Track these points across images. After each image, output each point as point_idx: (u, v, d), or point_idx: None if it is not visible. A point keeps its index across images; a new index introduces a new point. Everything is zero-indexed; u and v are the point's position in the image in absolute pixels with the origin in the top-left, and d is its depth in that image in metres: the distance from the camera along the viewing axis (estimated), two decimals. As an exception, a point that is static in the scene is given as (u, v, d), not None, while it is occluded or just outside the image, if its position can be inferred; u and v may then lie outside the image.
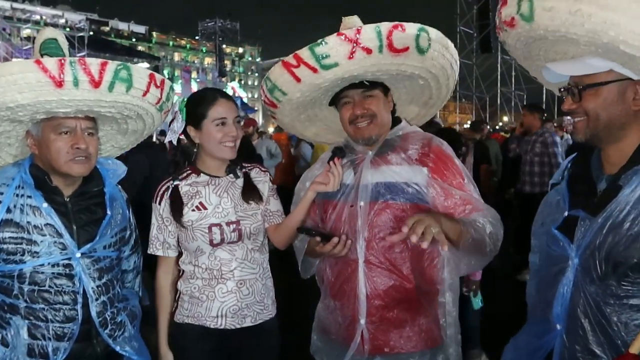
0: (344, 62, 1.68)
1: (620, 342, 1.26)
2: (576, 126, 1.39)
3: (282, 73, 1.79)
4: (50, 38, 1.69)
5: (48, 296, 1.65)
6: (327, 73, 1.71)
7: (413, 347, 1.83)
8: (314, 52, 1.68)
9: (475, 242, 1.70)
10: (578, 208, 1.38)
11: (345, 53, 1.66)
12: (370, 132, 1.87)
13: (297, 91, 1.83)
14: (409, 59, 1.74)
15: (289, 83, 1.80)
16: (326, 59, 1.67)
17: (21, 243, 1.62)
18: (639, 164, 1.29)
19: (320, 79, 1.74)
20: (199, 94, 2.04)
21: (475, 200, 1.82)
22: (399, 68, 1.76)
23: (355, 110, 1.87)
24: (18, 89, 1.43)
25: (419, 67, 1.80)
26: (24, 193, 1.66)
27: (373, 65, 1.71)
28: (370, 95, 1.87)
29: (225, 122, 1.93)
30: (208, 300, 1.95)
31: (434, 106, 2.12)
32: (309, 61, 1.70)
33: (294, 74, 1.75)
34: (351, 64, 1.68)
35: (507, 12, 1.33)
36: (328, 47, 1.66)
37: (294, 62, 1.73)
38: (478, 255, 1.75)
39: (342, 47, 1.66)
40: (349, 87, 1.87)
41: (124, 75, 1.53)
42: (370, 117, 1.86)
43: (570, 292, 1.37)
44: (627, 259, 1.24)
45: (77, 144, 1.63)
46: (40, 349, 1.65)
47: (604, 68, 1.30)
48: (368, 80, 1.84)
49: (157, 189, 2.02)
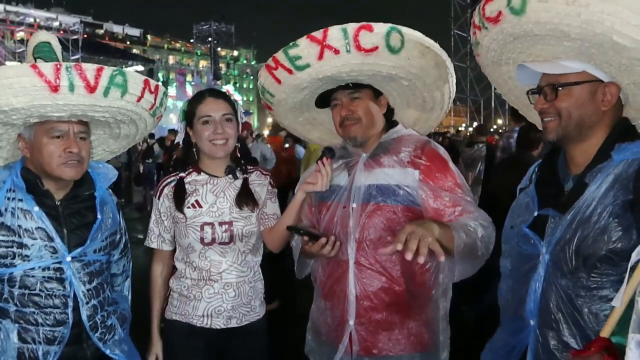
0: (314, 62, 1.73)
1: (592, 332, 1.31)
2: (547, 126, 1.44)
3: (267, 75, 1.87)
4: (43, 41, 1.72)
5: (38, 300, 1.66)
6: (302, 74, 1.77)
7: (401, 350, 1.83)
8: (287, 54, 1.75)
9: (468, 247, 1.70)
10: (547, 207, 1.44)
11: (315, 54, 1.71)
12: (355, 132, 1.90)
13: (281, 92, 1.89)
14: (381, 59, 1.74)
15: (272, 85, 1.87)
16: (298, 60, 1.74)
17: (12, 246, 1.63)
18: (602, 162, 1.36)
19: (297, 80, 1.80)
20: (195, 94, 2.10)
21: (466, 203, 1.82)
22: (372, 68, 1.78)
23: (341, 112, 1.90)
24: (13, 93, 1.44)
25: (395, 67, 1.79)
26: (15, 196, 1.67)
27: (344, 65, 1.74)
28: (356, 97, 1.90)
29: (209, 120, 1.96)
30: (195, 300, 1.99)
31: (434, 110, 2.09)
32: (284, 63, 1.77)
33: (274, 75, 1.83)
34: (322, 64, 1.73)
35: (494, 6, 1.34)
36: (299, 49, 1.73)
37: (273, 65, 1.81)
38: (471, 259, 1.75)
39: (311, 48, 1.71)
40: (337, 89, 1.90)
41: (119, 80, 1.56)
42: (355, 120, 1.89)
43: (541, 288, 1.43)
44: (595, 251, 1.31)
45: (70, 147, 1.65)
46: (30, 353, 1.66)
47: (578, 69, 1.37)
48: (353, 82, 1.87)
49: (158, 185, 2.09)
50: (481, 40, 1.48)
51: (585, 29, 1.22)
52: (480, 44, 1.50)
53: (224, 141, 1.97)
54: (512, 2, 1.29)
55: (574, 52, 1.33)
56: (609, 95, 1.38)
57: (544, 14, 1.25)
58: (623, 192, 1.30)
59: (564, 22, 1.23)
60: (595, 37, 1.23)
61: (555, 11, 1.23)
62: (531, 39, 1.36)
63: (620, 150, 1.34)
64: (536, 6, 1.25)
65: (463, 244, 1.67)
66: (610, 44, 1.23)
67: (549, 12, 1.24)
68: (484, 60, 1.57)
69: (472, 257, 1.74)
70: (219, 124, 1.96)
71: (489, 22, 1.39)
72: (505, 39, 1.41)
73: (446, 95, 2.02)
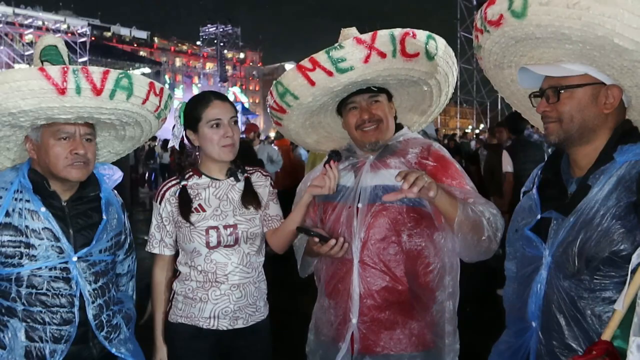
0: (359, 65, 1.72)
1: (595, 334, 1.31)
2: (549, 129, 1.45)
3: (296, 77, 1.82)
4: (50, 45, 1.74)
5: (45, 299, 1.68)
6: (342, 77, 1.75)
7: (402, 349, 1.85)
8: (330, 56, 1.73)
9: (472, 223, 1.69)
10: (550, 210, 1.44)
11: (361, 57, 1.71)
12: (376, 137, 1.92)
13: (309, 95, 1.86)
14: (419, 64, 1.80)
15: (302, 87, 1.83)
16: (342, 62, 1.72)
17: (19, 246, 1.65)
18: (605, 164, 1.36)
19: (334, 82, 1.78)
20: (195, 98, 2.07)
21: (477, 196, 1.82)
22: (408, 73, 1.82)
23: (363, 115, 1.92)
24: (21, 96, 1.47)
25: (426, 73, 1.86)
26: (23, 197, 1.70)
27: (386, 69, 1.77)
28: (376, 100, 1.93)
29: (219, 122, 1.95)
30: (201, 302, 1.99)
31: (431, 115, 2.17)
32: (325, 64, 1.74)
33: (308, 77, 1.79)
34: (366, 67, 1.73)
35: (495, 9, 1.35)
36: (344, 51, 1.71)
37: (310, 66, 1.77)
38: (475, 239, 1.72)
39: (358, 51, 1.70)
40: (355, 93, 1.91)
41: (125, 83, 1.58)
42: (376, 122, 1.91)
43: (544, 290, 1.43)
44: (598, 253, 1.30)
45: (76, 149, 1.67)
46: (37, 352, 1.68)
47: (580, 72, 1.37)
48: (375, 86, 1.89)
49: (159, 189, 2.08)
50: (483, 43, 1.49)
51: (586, 31, 1.22)
52: (483, 47, 1.51)
53: (232, 143, 1.97)
54: (513, 5, 1.29)
55: (576, 54, 1.33)
56: (612, 97, 1.38)
57: (545, 17, 1.25)
58: (626, 194, 1.30)
59: (565, 25, 1.24)
60: (597, 40, 1.23)
61: (556, 14, 1.23)
62: (533, 42, 1.36)
63: (622, 152, 1.34)
64: (537, 9, 1.25)
65: (465, 217, 1.68)
66: (611, 47, 1.23)
67: (549, 15, 1.24)
68: (487, 64, 1.58)
69: (477, 236, 1.72)
70: (228, 127, 1.97)
71: (490, 25, 1.39)
72: (507, 42, 1.41)
73: (447, 100, 2.11)
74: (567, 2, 1.21)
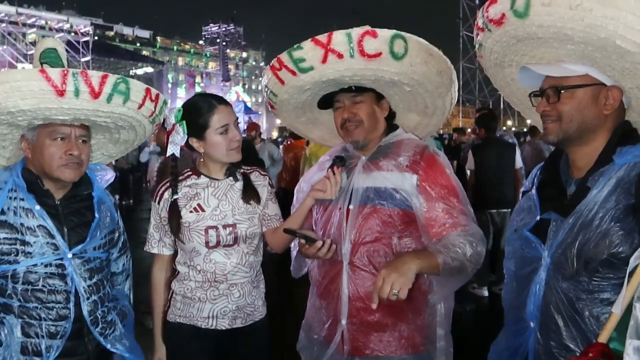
0: (318, 65, 1.74)
1: (592, 335, 1.31)
2: (548, 128, 1.44)
3: (270, 76, 1.89)
4: (50, 47, 1.78)
5: (41, 295, 1.70)
6: (305, 76, 1.79)
7: (392, 352, 1.84)
8: (291, 56, 1.76)
9: (455, 269, 1.71)
10: (549, 211, 1.43)
11: (318, 57, 1.73)
12: (357, 136, 1.92)
13: (284, 93, 1.91)
14: (384, 64, 1.75)
15: (275, 85, 1.90)
16: (302, 62, 1.76)
17: (15, 244, 1.67)
18: (605, 166, 1.35)
19: (300, 82, 1.82)
20: (196, 105, 1.96)
21: (458, 214, 1.81)
22: (375, 73, 1.78)
23: (343, 114, 1.92)
24: (21, 95, 1.50)
25: (397, 73, 1.79)
26: (17, 196, 1.71)
27: (347, 69, 1.75)
28: (359, 100, 1.91)
29: (228, 128, 1.94)
30: (200, 302, 1.98)
31: (434, 115, 2.10)
32: (288, 64, 1.79)
33: (278, 76, 1.85)
34: (325, 67, 1.74)
35: (498, 8, 1.34)
36: (303, 52, 1.74)
37: (277, 66, 1.83)
38: (460, 277, 1.78)
39: (315, 52, 1.73)
40: (340, 91, 1.91)
41: (122, 88, 1.62)
42: (357, 122, 1.91)
43: (542, 290, 1.43)
44: (597, 255, 1.30)
45: (71, 150, 1.70)
46: (33, 347, 1.69)
47: (581, 72, 1.37)
48: (356, 86, 1.87)
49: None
50: (484, 42, 1.48)
51: (588, 33, 1.22)
52: (484, 45, 1.50)
53: (239, 146, 1.97)
54: (515, 4, 1.28)
55: (577, 55, 1.33)
56: (612, 99, 1.37)
57: (547, 17, 1.25)
58: (625, 196, 1.29)
59: (567, 25, 1.23)
60: (599, 41, 1.23)
61: (558, 15, 1.23)
62: (534, 41, 1.36)
63: (622, 154, 1.34)
64: (540, 10, 1.25)
65: (450, 268, 1.69)
66: (613, 48, 1.22)
67: (552, 16, 1.24)
68: (487, 62, 1.57)
69: (460, 275, 1.77)
70: (235, 130, 1.96)
71: (492, 24, 1.38)
72: (508, 41, 1.41)
73: (447, 102, 2.03)
74: (569, 3, 1.20)
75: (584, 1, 1.18)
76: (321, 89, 1.89)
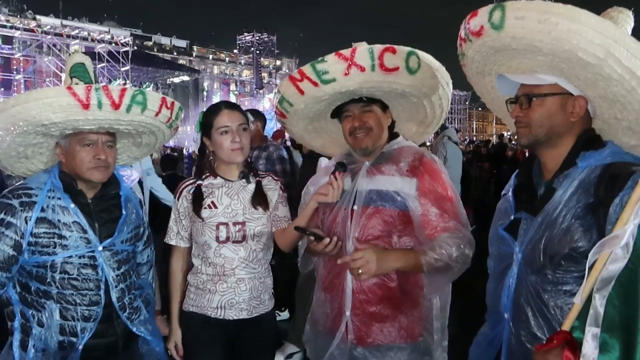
0: (340, 78, 1.90)
1: (557, 324, 1.43)
2: (520, 132, 1.58)
3: (289, 86, 2.03)
4: (78, 62, 2.01)
5: (76, 283, 1.92)
6: (327, 87, 1.94)
7: (392, 340, 1.99)
8: (315, 68, 1.92)
9: (440, 269, 1.88)
10: (522, 211, 1.57)
11: (341, 70, 1.88)
12: (366, 143, 2.07)
13: (301, 102, 2.06)
14: (400, 78, 1.94)
15: (294, 95, 2.04)
16: (325, 74, 1.90)
17: (53, 237, 1.89)
18: (569, 169, 1.48)
19: (320, 92, 1.97)
20: (209, 108, 2.29)
21: (449, 218, 1.96)
22: (390, 86, 1.97)
23: (354, 123, 2.08)
24: (52, 110, 1.74)
25: (410, 86, 1.99)
26: (55, 195, 1.94)
27: (367, 81, 1.92)
28: (368, 110, 2.08)
29: (228, 129, 2.16)
30: (210, 293, 2.19)
31: (431, 125, 2.31)
32: (310, 76, 1.94)
33: (298, 87, 1.99)
34: (347, 79, 1.90)
35: (477, 21, 1.48)
36: (327, 65, 1.90)
37: (298, 77, 1.97)
38: (446, 276, 1.94)
39: (339, 65, 1.88)
40: (350, 102, 2.08)
41: (140, 99, 1.84)
42: (367, 130, 2.06)
43: (514, 284, 1.56)
44: (560, 249, 1.43)
45: (98, 154, 1.93)
46: (70, 329, 1.92)
47: (551, 82, 1.49)
48: (366, 97, 2.04)
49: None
50: (466, 51, 1.62)
51: (555, 45, 1.34)
52: (466, 55, 1.64)
53: (240, 148, 2.17)
54: (492, 17, 1.42)
55: (547, 65, 1.45)
56: (578, 107, 1.49)
57: (520, 30, 1.38)
58: (585, 196, 1.41)
59: (536, 38, 1.36)
60: (564, 53, 1.35)
61: (529, 28, 1.36)
62: (510, 52, 1.49)
63: (585, 158, 1.46)
64: (513, 23, 1.38)
65: (434, 268, 1.87)
66: (576, 60, 1.35)
67: (524, 29, 1.37)
68: (470, 71, 1.71)
69: (445, 275, 1.93)
70: (236, 133, 2.16)
71: (472, 35, 1.52)
72: (487, 51, 1.54)
73: (444, 112, 2.23)
74: (538, 17, 1.33)
75: (551, 16, 1.31)
76: (337, 99, 2.05)
